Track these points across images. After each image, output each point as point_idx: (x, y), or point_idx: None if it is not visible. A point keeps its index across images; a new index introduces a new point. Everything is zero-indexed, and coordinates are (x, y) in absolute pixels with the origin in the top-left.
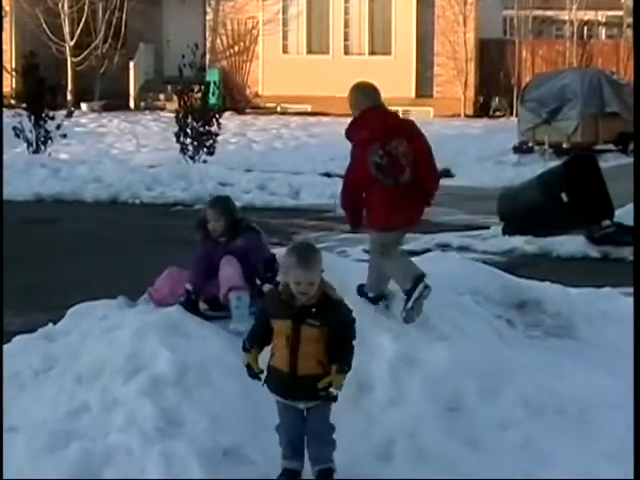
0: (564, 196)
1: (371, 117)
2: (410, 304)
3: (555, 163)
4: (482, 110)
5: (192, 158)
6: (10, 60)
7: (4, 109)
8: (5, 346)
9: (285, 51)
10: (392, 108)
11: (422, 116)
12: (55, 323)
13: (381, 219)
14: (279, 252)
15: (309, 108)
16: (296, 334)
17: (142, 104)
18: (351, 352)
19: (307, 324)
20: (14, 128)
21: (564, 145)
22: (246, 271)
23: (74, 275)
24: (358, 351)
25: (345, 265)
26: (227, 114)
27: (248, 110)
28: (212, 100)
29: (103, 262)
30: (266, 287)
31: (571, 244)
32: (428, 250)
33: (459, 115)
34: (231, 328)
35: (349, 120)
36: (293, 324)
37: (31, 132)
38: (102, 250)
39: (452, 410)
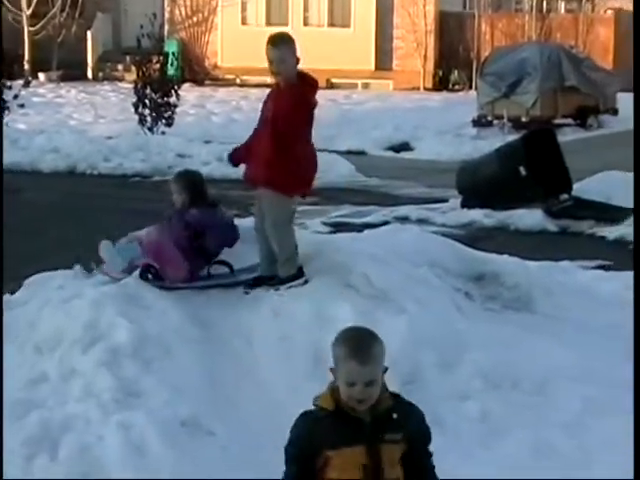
0: (522, 170)
1: None
2: (281, 289)
3: (514, 137)
4: (441, 83)
5: (150, 129)
6: None
7: None
8: None
9: (244, 22)
10: (351, 81)
11: (382, 89)
12: (12, 293)
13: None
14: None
15: (268, 80)
16: (376, 460)
17: (100, 74)
18: None
19: (388, 442)
20: None
21: (523, 119)
22: (192, 243)
23: (31, 245)
24: (317, 324)
25: (307, 238)
26: (186, 85)
27: (207, 82)
28: (171, 71)
29: (60, 232)
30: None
31: (529, 217)
32: (386, 223)
33: (418, 88)
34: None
35: None
36: (369, 449)
37: None
38: (59, 220)
39: (410, 383)
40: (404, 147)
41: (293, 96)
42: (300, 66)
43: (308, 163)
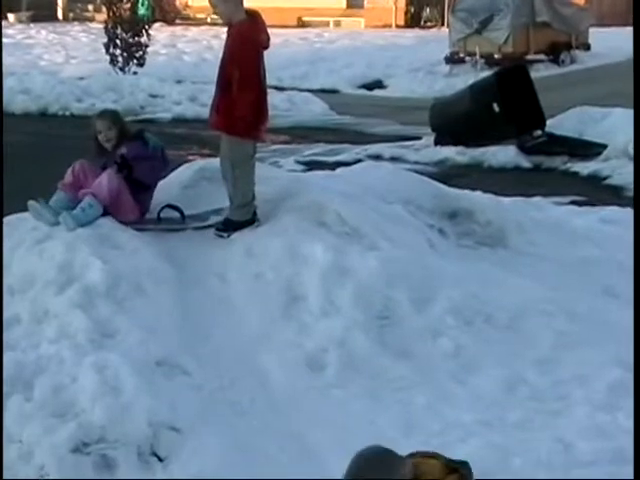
0: (496, 106)
1: None
2: (227, 233)
3: (487, 73)
4: (413, 21)
5: (122, 69)
6: None
7: None
8: None
9: None
10: (323, 19)
11: (353, 27)
12: None
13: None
14: (208, 162)
15: None
16: None
17: (70, 15)
18: None
19: None
20: None
21: (495, 55)
22: (129, 178)
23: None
24: (290, 262)
25: (280, 176)
26: (157, 25)
27: (178, 21)
28: (141, 11)
29: (30, 174)
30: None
31: (502, 154)
32: (359, 161)
33: (390, 26)
34: (61, 218)
35: (283, 31)
36: None
37: None
38: (30, 162)
39: (383, 319)
40: (377, 85)
41: (239, 36)
42: (271, 4)
43: (260, 106)
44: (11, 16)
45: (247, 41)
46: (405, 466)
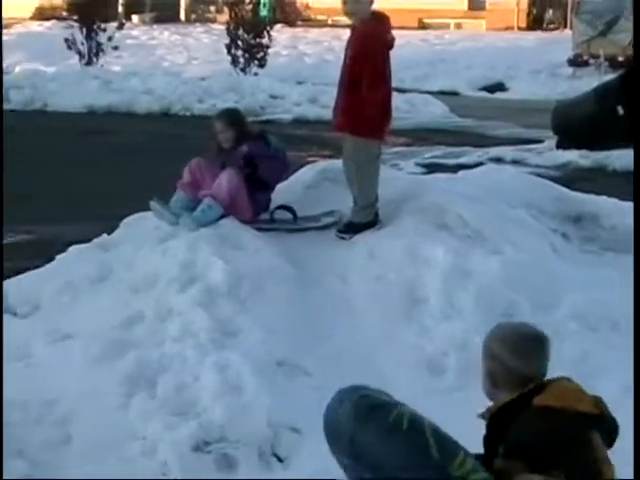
0: (620, 109)
1: None
2: (349, 235)
3: (611, 76)
4: (535, 22)
5: (243, 70)
6: None
7: (56, 20)
8: (60, 256)
9: None
10: (444, 21)
11: (474, 28)
12: (109, 233)
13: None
14: (331, 164)
15: None
16: None
17: (193, 16)
18: None
19: None
20: (66, 40)
21: (620, 58)
22: (251, 177)
23: (125, 186)
24: (411, 264)
25: (401, 178)
26: (278, 26)
27: (299, 22)
28: (263, 12)
29: (153, 173)
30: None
31: (627, 158)
32: (481, 164)
33: (512, 28)
34: (181, 220)
35: (404, 32)
36: None
37: (83, 44)
38: (153, 161)
39: None
40: (498, 87)
41: (368, 36)
42: (392, 6)
43: (386, 106)
44: (135, 17)
45: (374, 40)
46: None
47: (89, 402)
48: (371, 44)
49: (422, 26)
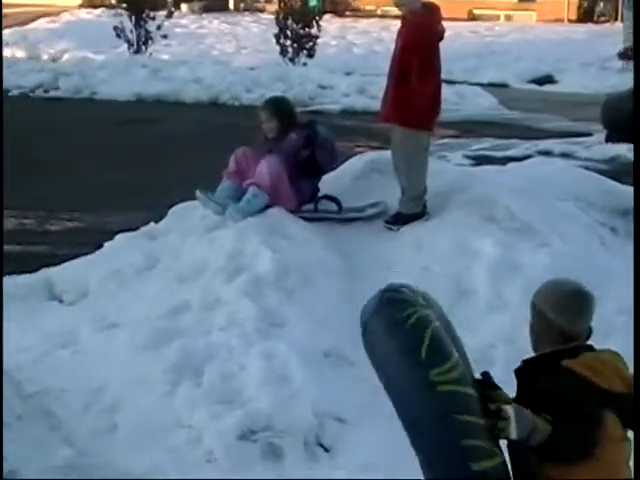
0: None
1: None
2: (397, 226)
3: None
4: (586, 15)
5: (292, 60)
6: None
7: (105, 8)
8: (107, 244)
9: None
10: (494, 12)
11: (524, 20)
12: (157, 222)
13: None
14: (379, 155)
15: None
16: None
17: (242, 5)
18: None
19: None
20: (115, 28)
21: None
22: (297, 165)
23: (171, 175)
24: (459, 257)
25: (449, 170)
26: (327, 17)
27: (347, 13)
28: (312, 2)
29: (201, 162)
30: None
31: None
32: (529, 156)
33: (562, 20)
34: (227, 212)
35: (453, 24)
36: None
37: (132, 32)
38: (201, 151)
39: None
40: (547, 80)
41: (418, 27)
42: None
43: (436, 97)
44: (184, 6)
45: (425, 31)
46: None
47: (135, 390)
48: (421, 35)
49: (472, 17)
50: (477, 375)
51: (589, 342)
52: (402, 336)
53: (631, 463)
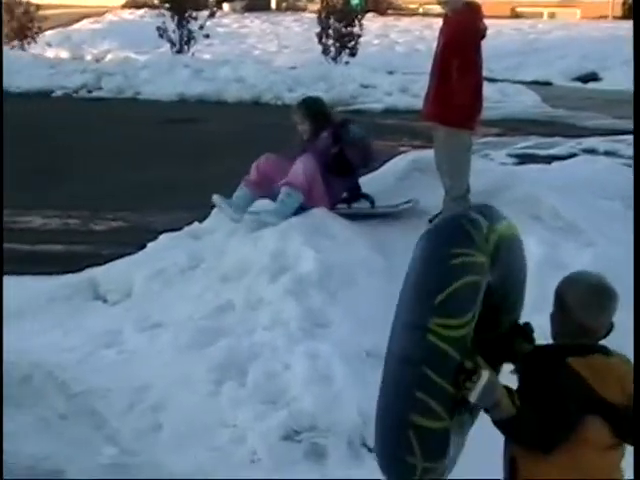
0: None
1: None
2: None
3: None
4: (631, 12)
5: (334, 59)
6: None
7: (148, 8)
8: (151, 244)
9: None
10: (537, 10)
11: (568, 18)
12: (200, 222)
13: None
14: (422, 154)
15: None
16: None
17: (284, 4)
18: None
19: None
20: (158, 28)
21: None
22: (330, 164)
23: (214, 174)
24: None
25: (493, 169)
26: (369, 15)
27: (389, 11)
28: (354, 1)
29: (244, 162)
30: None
31: None
32: (573, 155)
33: (607, 17)
34: (262, 217)
35: (496, 22)
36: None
37: (174, 32)
38: (243, 150)
39: None
40: (591, 77)
41: (461, 25)
42: None
43: (478, 96)
44: (226, 6)
45: (467, 30)
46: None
47: (179, 390)
48: (464, 33)
49: (515, 15)
50: None
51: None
52: (433, 272)
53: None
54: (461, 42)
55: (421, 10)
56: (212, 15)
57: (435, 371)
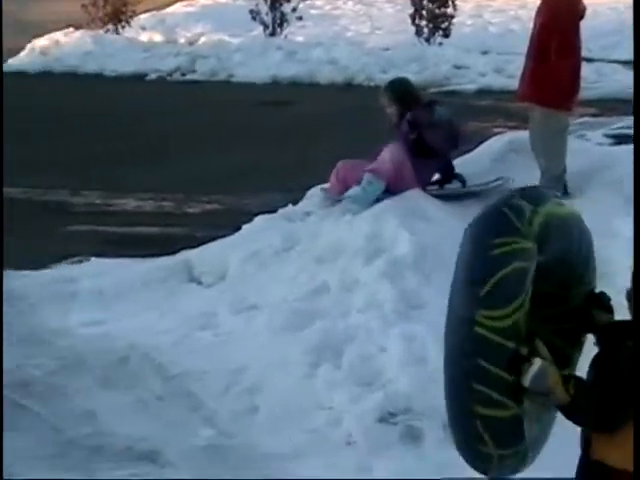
0: None
1: None
2: None
3: None
4: None
5: (427, 40)
6: None
7: None
8: (246, 226)
9: None
10: None
11: None
12: (294, 204)
13: None
14: (517, 135)
15: None
16: None
17: None
18: None
19: None
20: (251, 11)
21: None
22: (415, 146)
23: (308, 157)
24: (599, 237)
25: (590, 149)
26: None
27: None
28: None
29: (337, 144)
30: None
31: None
32: None
33: None
34: (343, 204)
35: (592, 1)
36: None
37: (267, 15)
38: (337, 132)
39: None
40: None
41: (559, 5)
42: None
43: (576, 76)
44: None
45: (566, 9)
46: None
47: (275, 372)
48: (562, 13)
49: None
50: None
51: None
52: (475, 264)
53: None
54: (559, 23)
55: None
56: None
57: (489, 361)
